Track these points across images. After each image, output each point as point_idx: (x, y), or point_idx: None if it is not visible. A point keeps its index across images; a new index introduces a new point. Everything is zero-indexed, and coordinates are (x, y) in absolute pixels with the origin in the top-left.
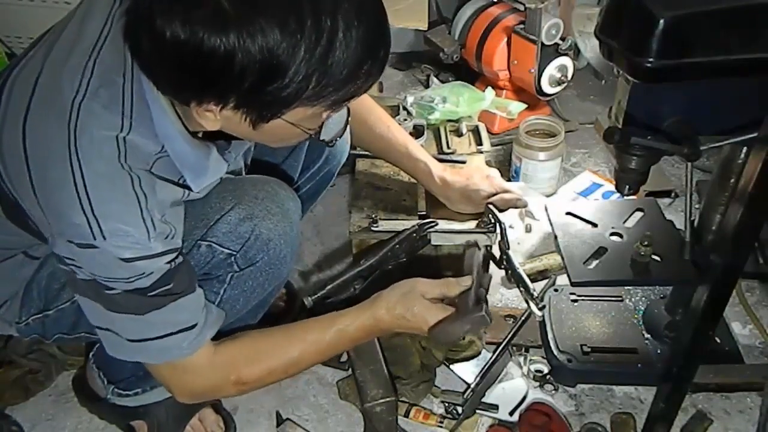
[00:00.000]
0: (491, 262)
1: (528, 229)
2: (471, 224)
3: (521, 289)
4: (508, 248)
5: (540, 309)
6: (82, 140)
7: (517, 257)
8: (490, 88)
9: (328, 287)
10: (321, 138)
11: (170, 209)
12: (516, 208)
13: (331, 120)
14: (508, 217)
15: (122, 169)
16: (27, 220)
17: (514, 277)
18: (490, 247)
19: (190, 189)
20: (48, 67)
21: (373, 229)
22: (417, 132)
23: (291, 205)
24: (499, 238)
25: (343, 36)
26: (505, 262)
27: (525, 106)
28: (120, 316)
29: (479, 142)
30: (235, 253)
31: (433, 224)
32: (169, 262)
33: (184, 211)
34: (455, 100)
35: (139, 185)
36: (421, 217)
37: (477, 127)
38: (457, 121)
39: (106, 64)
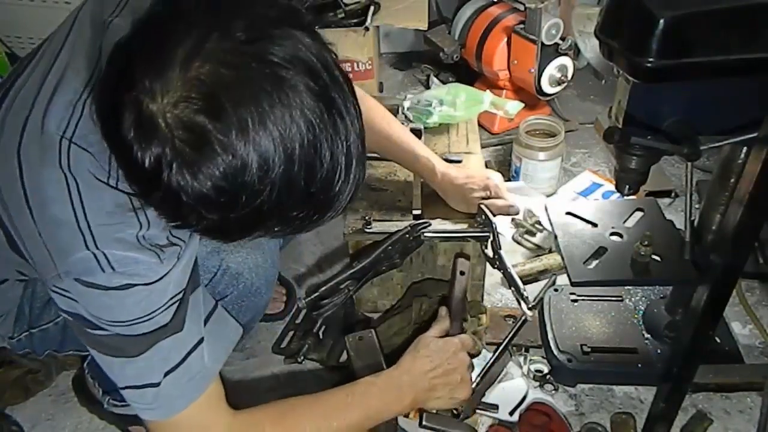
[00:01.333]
0: (487, 262)
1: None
2: (464, 225)
3: (512, 288)
4: (500, 248)
5: (530, 309)
6: (78, 180)
7: (510, 258)
8: (488, 91)
9: (322, 289)
10: None
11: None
12: (508, 215)
13: None
14: (500, 225)
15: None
16: (26, 260)
17: (505, 277)
18: (485, 246)
19: None
20: (39, 102)
21: (366, 230)
22: (415, 136)
23: None
24: (491, 238)
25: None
26: (497, 262)
27: (522, 105)
28: (118, 361)
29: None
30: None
31: (426, 225)
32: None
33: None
34: (453, 102)
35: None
36: (416, 217)
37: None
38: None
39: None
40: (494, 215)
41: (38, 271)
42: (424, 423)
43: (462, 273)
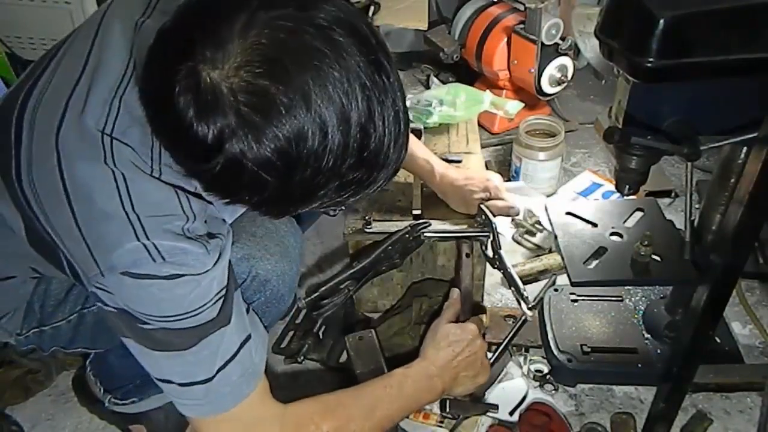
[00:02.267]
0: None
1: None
2: (464, 225)
3: (512, 288)
4: (500, 248)
5: (530, 309)
6: (125, 174)
7: (510, 258)
8: (488, 91)
9: (322, 289)
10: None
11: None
12: (507, 216)
13: None
14: (500, 225)
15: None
16: (60, 259)
17: (505, 277)
18: (485, 246)
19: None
20: (74, 103)
21: (366, 230)
22: (414, 136)
23: (291, 241)
24: (491, 238)
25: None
26: (497, 262)
27: (522, 104)
28: (165, 355)
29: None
30: None
31: (426, 225)
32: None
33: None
34: (452, 102)
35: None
36: (416, 217)
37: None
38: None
39: (132, 105)
40: (494, 216)
41: (79, 269)
42: (449, 411)
43: (467, 255)
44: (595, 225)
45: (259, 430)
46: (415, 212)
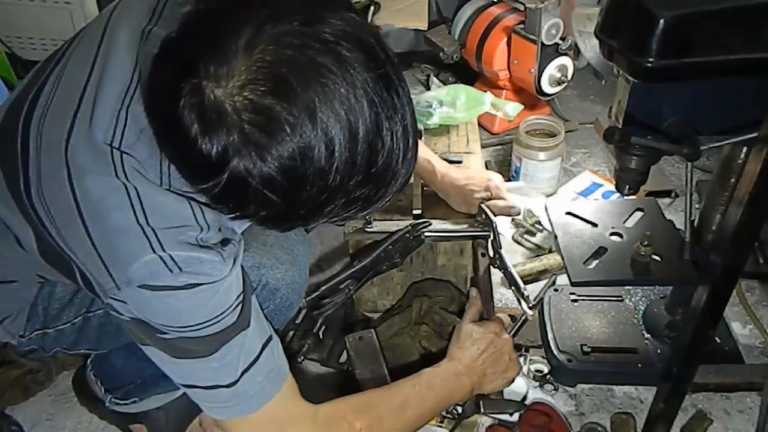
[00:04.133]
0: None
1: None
2: (464, 225)
3: (512, 288)
4: (500, 248)
5: (531, 308)
6: (138, 187)
7: (510, 258)
8: (489, 92)
9: (322, 289)
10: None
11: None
12: (508, 215)
13: None
14: (500, 225)
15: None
16: (73, 270)
17: (506, 277)
18: (485, 246)
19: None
20: (82, 114)
21: (366, 229)
22: None
23: (300, 249)
24: (491, 238)
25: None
26: (498, 262)
27: (522, 107)
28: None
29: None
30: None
31: (426, 224)
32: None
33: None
34: (452, 104)
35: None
36: (416, 217)
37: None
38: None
39: (138, 117)
40: (495, 215)
41: (94, 281)
42: (483, 411)
43: (483, 254)
44: (595, 225)
45: (291, 429)
46: (415, 212)
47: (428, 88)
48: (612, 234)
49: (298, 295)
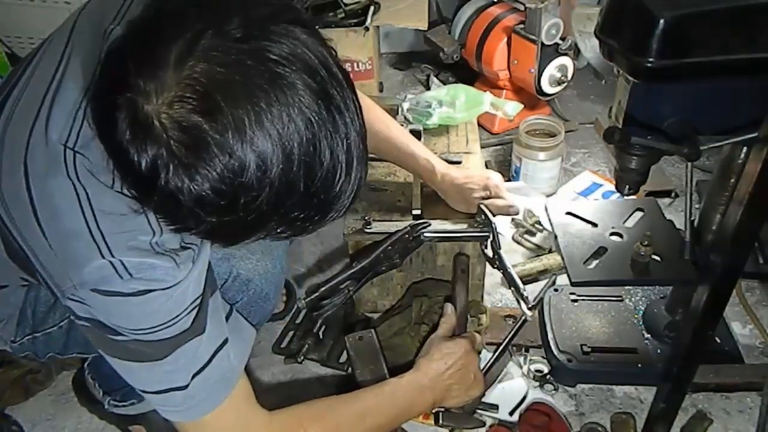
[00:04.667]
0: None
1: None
2: (464, 225)
3: (512, 288)
4: (500, 248)
5: (530, 309)
6: (87, 189)
7: (510, 258)
8: (488, 92)
9: (322, 289)
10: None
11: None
12: (507, 215)
13: None
14: (499, 225)
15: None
16: (34, 271)
17: (506, 277)
18: (485, 246)
19: None
20: (42, 113)
21: (366, 230)
22: (414, 137)
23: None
24: (491, 238)
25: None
26: (497, 262)
27: (521, 106)
28: (140, 365)
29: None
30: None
31: (425, 225)
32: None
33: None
34: (452, 104)
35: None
36: (416, 217)
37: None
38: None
39: None
40: (494, 215)
41: (52, 282)
42: (441, 422)
43: (463, 271)
44: (595, 225)
45: None
46: (415, 212)
47: (428, 88)
48: (612, 234)
49: (274, 286)
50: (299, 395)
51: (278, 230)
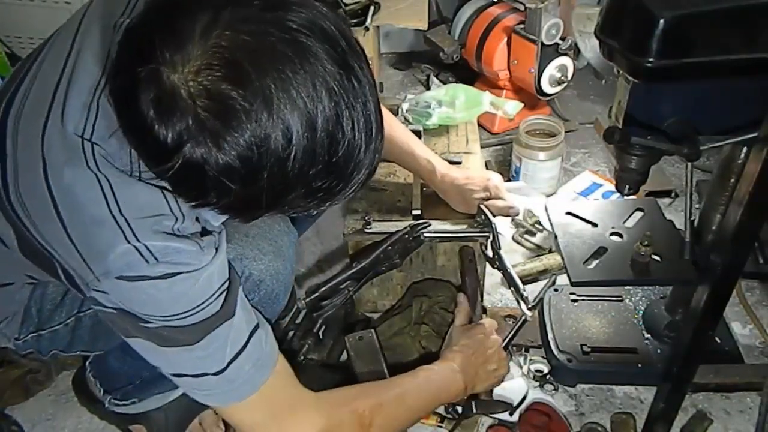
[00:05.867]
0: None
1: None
2: (464, 225)
3: (512, 288)
4: (500, 248)
5: (530, 309)
6: (109, 178)
7: (510, 258)
8: (487, 92)
9: (322, 289)
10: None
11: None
12: (507, 216)
13: None
14: (499, 225)
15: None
16: (55, 266)
17: (505, 277)
18: (485, 246)
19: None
20: (55, 108)
21: (366, 230)
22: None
23: (285, 240)
24: (491, 238)
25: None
26: (497, 262)
27: (521, 105)
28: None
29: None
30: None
31: (425, 225)
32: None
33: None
34: (452, 104)
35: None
36: (416, 217)
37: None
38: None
39: (109, 108)
40: (494, 215)
41: (76, 275)
42: (476, 411)
43: (470, 261)
44: (595, 225)
45: (289, 414)
46: (415, 212)
47: (428, 88)
48: (612, 234)
49: (284, 287)
50: None
51: (301, 202)
